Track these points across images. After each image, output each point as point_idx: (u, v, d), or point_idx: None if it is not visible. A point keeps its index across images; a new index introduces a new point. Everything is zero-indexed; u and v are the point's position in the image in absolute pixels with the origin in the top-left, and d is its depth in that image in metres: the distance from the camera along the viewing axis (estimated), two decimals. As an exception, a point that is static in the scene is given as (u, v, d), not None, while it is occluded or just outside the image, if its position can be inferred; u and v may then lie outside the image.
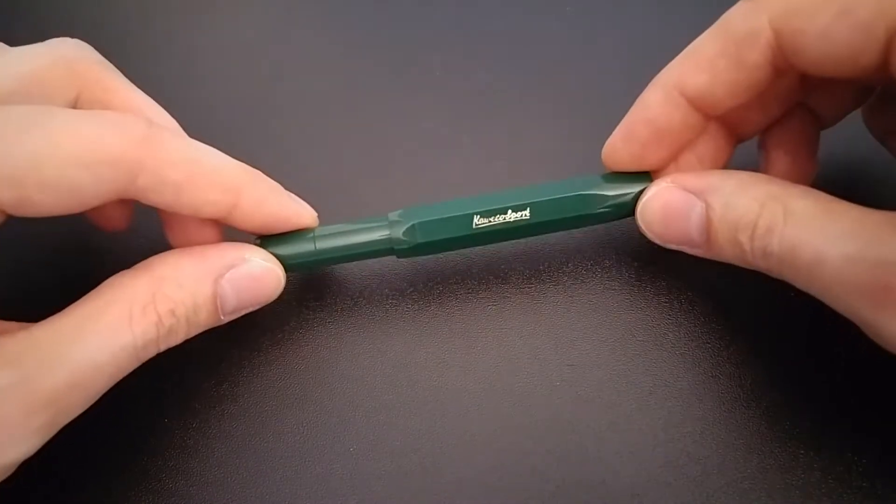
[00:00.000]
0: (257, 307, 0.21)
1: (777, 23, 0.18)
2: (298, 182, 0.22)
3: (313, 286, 0.24)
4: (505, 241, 0.22)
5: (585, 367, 0.22)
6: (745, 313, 0.22)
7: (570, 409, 0.21)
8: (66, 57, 0.21)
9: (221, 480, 0.21)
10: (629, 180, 0.21)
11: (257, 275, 0.21)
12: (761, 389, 0.21)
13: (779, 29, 0.18)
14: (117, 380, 0.18)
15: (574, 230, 0.24)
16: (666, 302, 0.23)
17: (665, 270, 0.23)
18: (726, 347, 0.22)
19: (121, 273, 0.19)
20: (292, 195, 0.22)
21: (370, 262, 0.24)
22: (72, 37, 0.22)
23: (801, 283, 0.18)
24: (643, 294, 0.23)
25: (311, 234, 0.21)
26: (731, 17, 0.19)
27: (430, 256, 0.24)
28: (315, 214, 0.22)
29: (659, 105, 0.20)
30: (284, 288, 0.22)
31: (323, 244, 0.21)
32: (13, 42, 0.21)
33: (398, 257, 0.22)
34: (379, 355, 0.22)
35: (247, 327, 0.23)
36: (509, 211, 0.21)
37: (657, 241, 0.21)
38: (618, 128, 0.21)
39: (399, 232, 0.21)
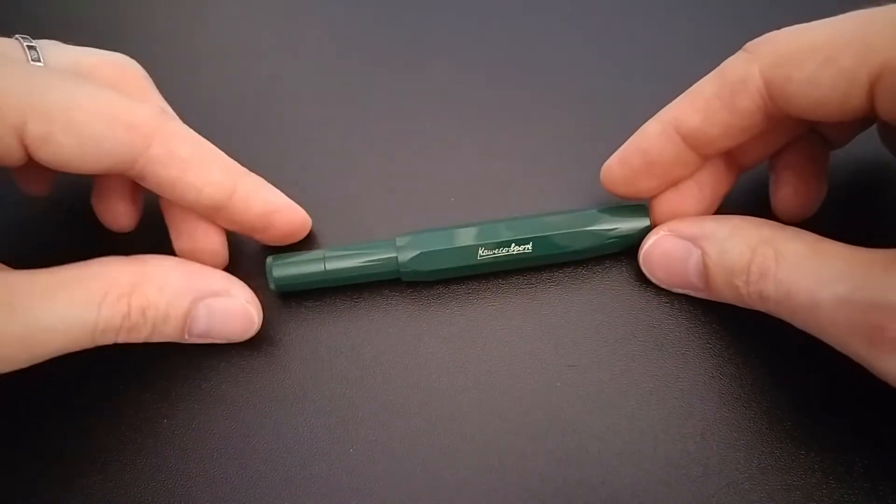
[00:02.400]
0: (224, 341, 0.22)
1: (767, 72, 0.18)
2: (298, 182, 0.22)
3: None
4: (507, 270, 0.23)
5: (585, 368, 0.22)
6: (745, 314, 0.22)
7: (571, 410, 0.21)
8: (118, 62, 0.23)
9: (221, 481, 0.21)
10: (628, 215, 0.23)
11: (234, 312, 0.21)
12: (761, 389, 0.21)
13: (769, 77, 0.18)
14: (66, 352, 0.19)
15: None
16: (666, 302, 0.23)
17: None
18: (726, 347, 0.22)
19: (114, 256, 0.20)
20: (286, 197, 0.23)
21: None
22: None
23: (798, 324, 0.19)
24: (643, 295, 0.23)
25: (321, 256, 0.22)
26: (728, 64, 0.20)
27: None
28: (309, 219, 0.23)
29: (654, 137, 0.21)
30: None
31: (332, 265, 0.22)
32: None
33: (404, 281, 0.23)
34: (379, 356, 0.22)
35: (247, 327, 0.23)
36: (512, 244, 0.22)
37: (663, 286, 0.22)
38: (617, 151, 0.22)
39: (406, 261, 0.22)
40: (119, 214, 0.23)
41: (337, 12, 0.31)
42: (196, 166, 0.20)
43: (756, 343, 0.22)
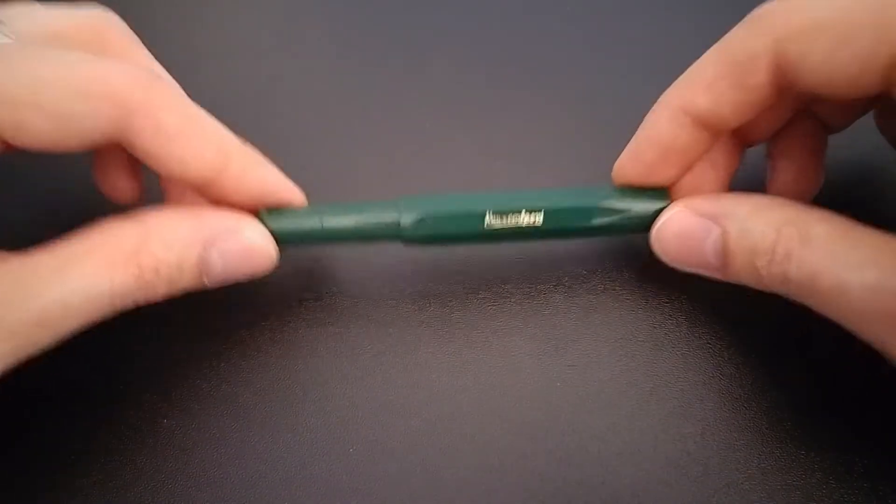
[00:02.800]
0: (245, 280, 0.21)
1: (778, 47, 0.18)
2: (298, 182, 0.22)
3: (313, 286, 0.24)
4: (514, 242, 0.22)
5: (585, 368, 0.22)
6: (746, 313, 0.22)
7: (571, 410, 0.21)
8: (92, 20, 0.21)
9: (221, 481, 0.21)
10: (647, 196, 0.21)
11: (249, 249, 0.20)
12: (761, 389, 0.21)
13: (780, 53, 0.18)
14: (89, 324, 0.18)
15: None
16: (667, 302, 0.23)
17: (666, 271, 0.23)
18: (726, 347, 0.22)
19: (112, 219, 0.19)
20: (281, 173, 0.21)
21: (370, 260, 0.24)
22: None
23: (821, 309, 0.18)
24: (644, 294, 0.23)
25: (319, 211, 0.21)
26: (732, 39, 0.19)
27: (435, 246, 0.23)
28: (303, 196, 0.22)
29: (665, 126, 0.20)
30: (282, 286, 0.22)
31: (330, 222, 0.21)
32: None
33: (404, 244, 0.22)
34: (379, 355, 0.22)
35: (246, 327, 0.23)
36: (523, 212, 0.21)
37: (673, 266, 0.21)
38: (626, 148, 0.21)
39: (409, 220, 0.21)
40: (119, 187, 0.22)
41: (337, 12, 0.31)
42: (183, 139, 0.19)
43: (756, 343, 0.22)
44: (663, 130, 0.20)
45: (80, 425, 0.22)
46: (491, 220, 0.21)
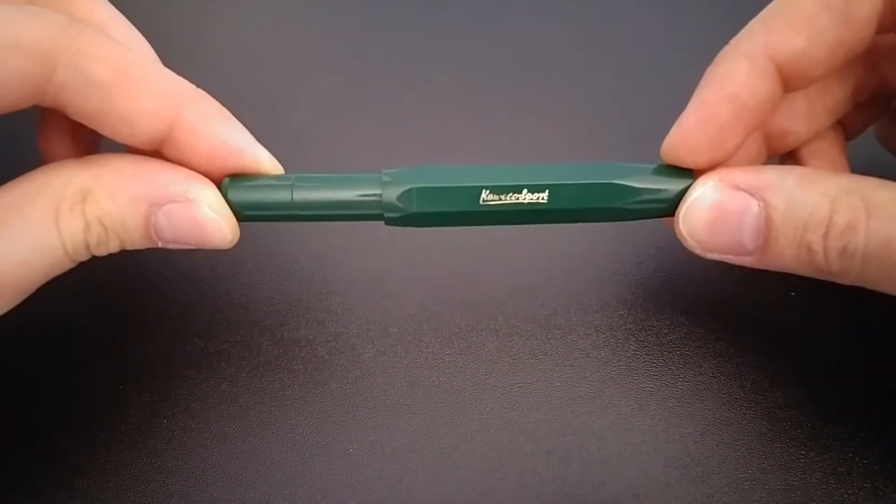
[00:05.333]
0: (201, 248, 0.19)
1: None
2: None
3: (313, 285, 0.24)
4: (513, 224, 0.19)
5: (585, 368, 0.22)
6: (746, 313, 0.22)
7: (571, 410, 0.21)
8: None
9: (221, 481, 0.21)
10: (669, 175, 0.18)
11: (197, 221, 0.18)
12: (761, 389, 0.21)
13: None
14: (49, 278, 0.17)
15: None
16: (667, 302, 0.23)
17: (666, 270, 0.23)
18: (726, 347, 0.22)
19: (60, 162, 0.17)
20: (250, 134, 0.19)
21: (371, 260, 0.24)
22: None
23: (891, 282, 0.16)
24: (644, 294, 0.23)
25: (290, 182, 0.19)
26: None
27: (421, 228, 0.19)
28: (276, 163, 0.19)
29: (744, 77, 0.17)
30: (283, 285, 0.21)
31: (302, 195, 0.18)
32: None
33: (387, 224, 0.19)
34: (378, 356, 0.22)
35: (246, 327, 0.23)
36: (525, 191, 0.18)
37: (698, 251, 0.18)
38: (688, 111, 0.18)
39: (393, 196, 0.18)
40: (57, 154, 0.20)
41: (337, 12, 0.31)
42: (120, 91, 0.16)
43: (756, 343, 0.22)
44: (742, 83, 0.17)
45: (80, 425, 0.22)
46: (487, 197, 0.18)
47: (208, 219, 0.18)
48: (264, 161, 0.19)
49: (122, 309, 0.23)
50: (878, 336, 0.22)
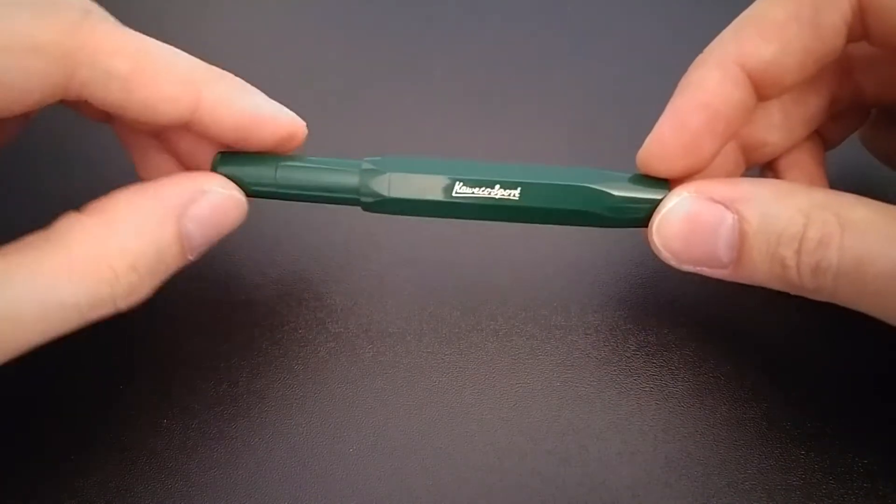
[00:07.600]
0: (221, 237, 0.19)
1: None
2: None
3: (313, 286, 0.24)
4: (487, 220, 0.20)
5: (585, 368, 0.22)
6: (746, 313, 0.22)
7: (570, 410, 0.21)
8: None
9: (221, 481, 0.21)
10: (645, 184, 0.19)
11: (219, 206, 0.19)
12: (761, 389, 0.21)
13: None
14: (49, 339, 0.16)
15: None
16: (667, 302, 0.23)
17: (666, 270, 0.23)
18: (726, 347, 0.22)
19: (68, 214, 0.17)
20: (270, 100, 0.19)
21: (370, 260, 0.24)
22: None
23: (863, 301, 0.16)
24: (643, 294, 0.23)
25: (275, 162, 0.20)
26: None
27: (398, 216, 0.20)
28: (303, 124, 0.20)
29: (716, 84, 0.17)
30: (283, 285, 0.21)
31: (284, 174, 0.19)
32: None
33: (364, 209, 0.20)
34: (378, 356, 0.22)
35: (246, 327, 0.23)
36: (497, 186, 0.19)
37: (672, 262, 0.19)
38: (662, 119, 0.18)
39: (369, 181, 0.19)
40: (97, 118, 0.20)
41: (337, 12, 0.31)
42: (141, 81, 0.17)
43: (756, 343, 0.22)
44: (714, 90, 0.17)
45: (80, 425, 0.22)
46: (460, 189, 0.19)
47: (226, 198, 0.19)
48: (297, 127, 0.20)
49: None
50: (878, 336, 0.22)
